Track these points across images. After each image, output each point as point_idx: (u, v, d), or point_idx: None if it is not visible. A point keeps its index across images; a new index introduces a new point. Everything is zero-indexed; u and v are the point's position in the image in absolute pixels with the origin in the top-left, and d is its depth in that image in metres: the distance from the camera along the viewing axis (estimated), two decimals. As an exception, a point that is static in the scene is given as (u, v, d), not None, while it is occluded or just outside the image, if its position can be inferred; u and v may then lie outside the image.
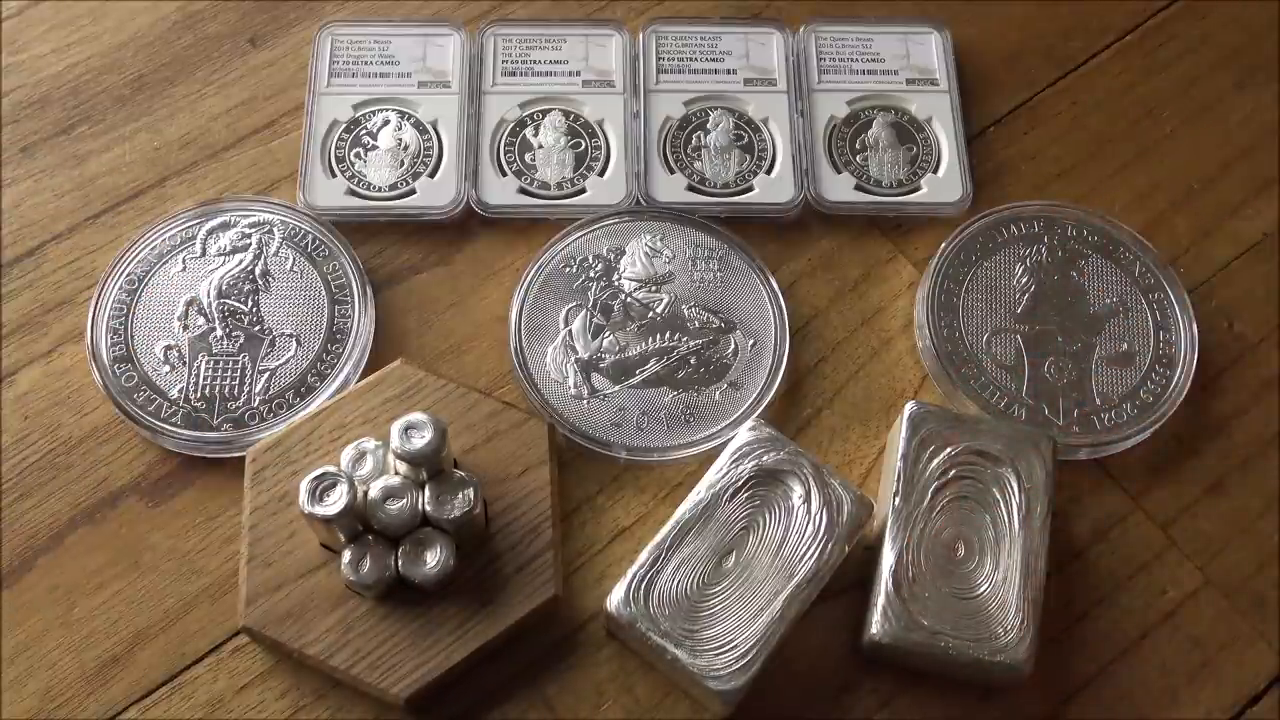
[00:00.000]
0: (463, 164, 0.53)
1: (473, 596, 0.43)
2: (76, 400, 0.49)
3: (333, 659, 0.42)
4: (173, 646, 0.44)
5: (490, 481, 0.45)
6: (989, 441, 0.44)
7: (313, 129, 0.54)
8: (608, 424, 0.48)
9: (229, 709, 0.43)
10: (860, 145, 0.54)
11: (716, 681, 0.40)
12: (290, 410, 0.48)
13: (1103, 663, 0.45)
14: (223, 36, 0.57)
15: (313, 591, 0.43)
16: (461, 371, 0.50)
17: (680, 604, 0.41)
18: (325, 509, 0.41)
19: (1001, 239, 0.52)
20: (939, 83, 0.56)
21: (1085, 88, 0.57)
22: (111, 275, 0.50)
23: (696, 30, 0.57)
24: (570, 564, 0.46)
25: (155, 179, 0.53)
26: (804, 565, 0.42)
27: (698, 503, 0.43)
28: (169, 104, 0.55)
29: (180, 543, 0.46)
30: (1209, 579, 0.46)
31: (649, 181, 0.53)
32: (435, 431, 0.41)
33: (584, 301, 0.50)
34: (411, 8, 0.58)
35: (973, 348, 0.50)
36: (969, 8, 0.58)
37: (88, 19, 0.57)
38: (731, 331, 0.50)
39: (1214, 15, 0.58)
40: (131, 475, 0.47)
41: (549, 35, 0.57)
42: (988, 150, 0.55)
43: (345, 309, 0.50)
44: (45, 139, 0.54)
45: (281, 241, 0.51)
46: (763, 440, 0.44)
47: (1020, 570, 0.43)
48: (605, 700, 0.44)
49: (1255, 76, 0.57)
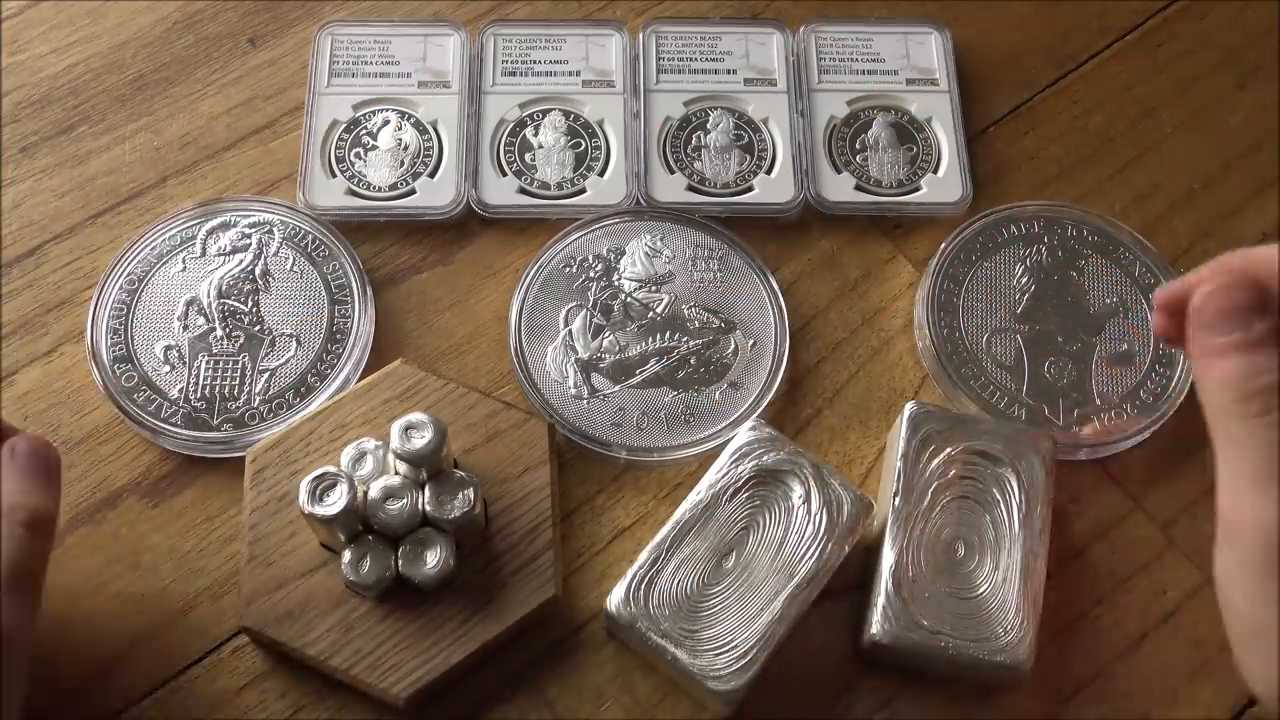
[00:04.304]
0: (463, 164, 0.53)
1: (473, 596, 0.43)
2: (76, 400, 0.49)
3: (333, 659, 0.42)
4: (173, 646, 0.44)
5: (490, 481, 0.45)
6: (989, 441, 0.44)
7: (313, 129, 0.54)
8: (608, 424, 0.48)
9: (229, 709, 0.43)
10: (860, 145, 0.54)
11: (716, 681, 0.40)
12: (290, 410, 0.48)
13: (1103, 663, 0.45)
14: (223, 36, 0.57)
15: (313, 591, 0.43)
16: (461, 371, 0.50)
17: (680, 604, 0.41)
18: (325, 509, 0.41)
19: (1001, 239, 0.52)
20: (939, 83, 0.56)
21: (1085, 88, 0.57)
22: (111, 275, 0.50)
23: (696, 30, 0.57)
24: (570, 564, 0.46)
25: (155, 179, 0.53)
26: (804, 565, 0.42)
27: (698, 503, 0.43)
28: (169, 104, 0.55)
29: (180, 543, 0.46)
30: (1209, 579, 0.46)
31: (649, 181, 0.53)
32: (435, 431, 0.41)
33: (584, 301, 0.50)
34: (411, 8, 0.58)
35: (973, 348, 0.50)
36: (969, 8, 0.58)
37: (88, 19, 0.57)
38: (731, 331, 0.50)
39: (1214, 15, 0.58)
40: (131, 475, 0.47)
41: (549, 35, 0.57)
42: (988, 150, 0.55)
43: (345, 309, 0.50)
44: (45, 139, 0.54)
45: (281, 241, 0.51)
46: (763, 440, 0.44)
47: (1020, 570, 0.43)
48: (605, 700, 0.44)
49: (1255, 76, 0.57)
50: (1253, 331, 0.35)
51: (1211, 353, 0.36)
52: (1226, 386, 0.35)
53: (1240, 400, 0.35)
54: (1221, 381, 0.35)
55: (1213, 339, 0.36)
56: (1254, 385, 0.35)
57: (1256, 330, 0.35)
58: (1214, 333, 0.36)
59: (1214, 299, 0.36)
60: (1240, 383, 0.35)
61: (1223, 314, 0.36)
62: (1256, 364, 0.35)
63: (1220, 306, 0.36)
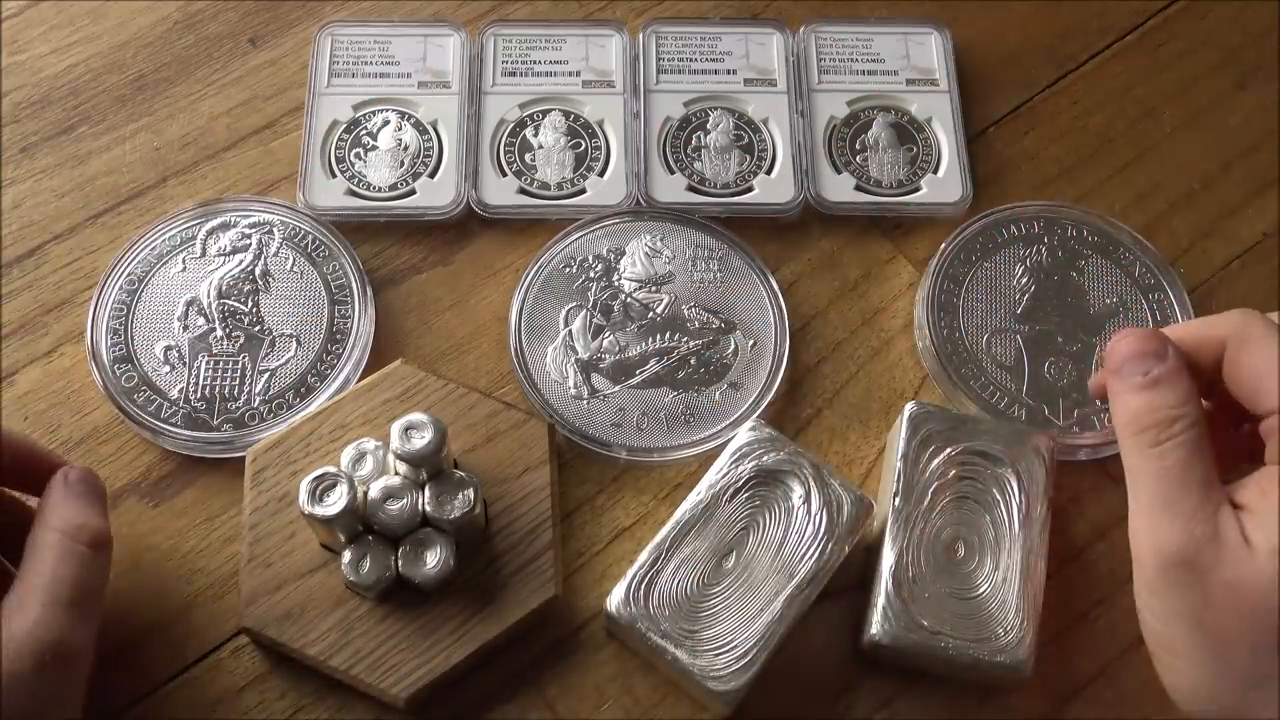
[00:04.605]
0: (463, 164, 0.53)
1: (473, 597, 0.43)
2: (76, 400, 0.49)
3: (333, 659, 0.42)
4: (173, 646, 0.44)
5: (490, 481, 0.45)
6: (989, 441, 0.44)
7: (313, 129, 0.54)
8: (608, 424, 0.48)
9: (229, 709, 0.43)
10: (860, 145, 0.54)
11: (716, 681, 0.40)
12: (290, 410, 0.48)
13: (1103, 663, 0.45)
14: (223, 36, 0.57)
15: (313, 592, 0.43)
16: (461, 371, 0.50)
17: (680, 604, 0.41)
18: (325, 509, 0.41)
19: (1001, 239, 0.52)
20: (939, 83, 0.56)
21: (1085, 88, 0.57)
22: (111, 275, 0.50)
23: (696, 30, 0.57)
24: (570, 564, 0.46)
25: (155, 179, 0.53)
26: (804, 565, 0.42)
27: (698, 503, 0.43)
28: (169, 104, 0.55)
29: (180, 543, 0.46)
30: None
31: (649, 182, 0.53)
32: (435, 432, 0.41)
33: (584, 301, 0.50)
34: (411, 8, 0.58)
35: (973, 348, 0.50)
36: (969, 8, 0.58)
37: (88, 19, 0.57)
38: (731, 332, 0.50)
39: (1214, 15, 0.58)
40: (131, 475, 0.47)
41: (549, 35, 0.57)
42: (988, 150, 0.55)
43: (345, 309, 0.50)
44: (45, 139, 0.54)
45: (281, 242, 0.51)
46: (763, 440, 0.44)
47: (1020, 570, 0.43)
48: (605, 700, 0.44)
49: (1255, 76, 0.57)
50: (1153, 373, 0.39)
51: (1119, 393, 0.40)
52: (1127, 421, 0.40)
53: (1137, 433, 0.39)
54: (1123, 417, 0.40)
55: (1120, 381, 0.40)
56: (1150, 419, 0.39)
57: (1155, 372, 0.39)
58: (1121, 375, 0.40)
59: (1121, 345, 0.41)
60: (1138, 418, 0.39)
61: (1128, 358, 0.40)
62: (1154, 401, 0.39)
63: (1126, 352, 0.40)
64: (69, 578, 0.37)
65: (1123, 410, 0.40)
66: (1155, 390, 0.39)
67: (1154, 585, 0.39)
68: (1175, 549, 0.37)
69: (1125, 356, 0.40)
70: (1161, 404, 0.39)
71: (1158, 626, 0.39)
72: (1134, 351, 0.40)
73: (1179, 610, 0.38)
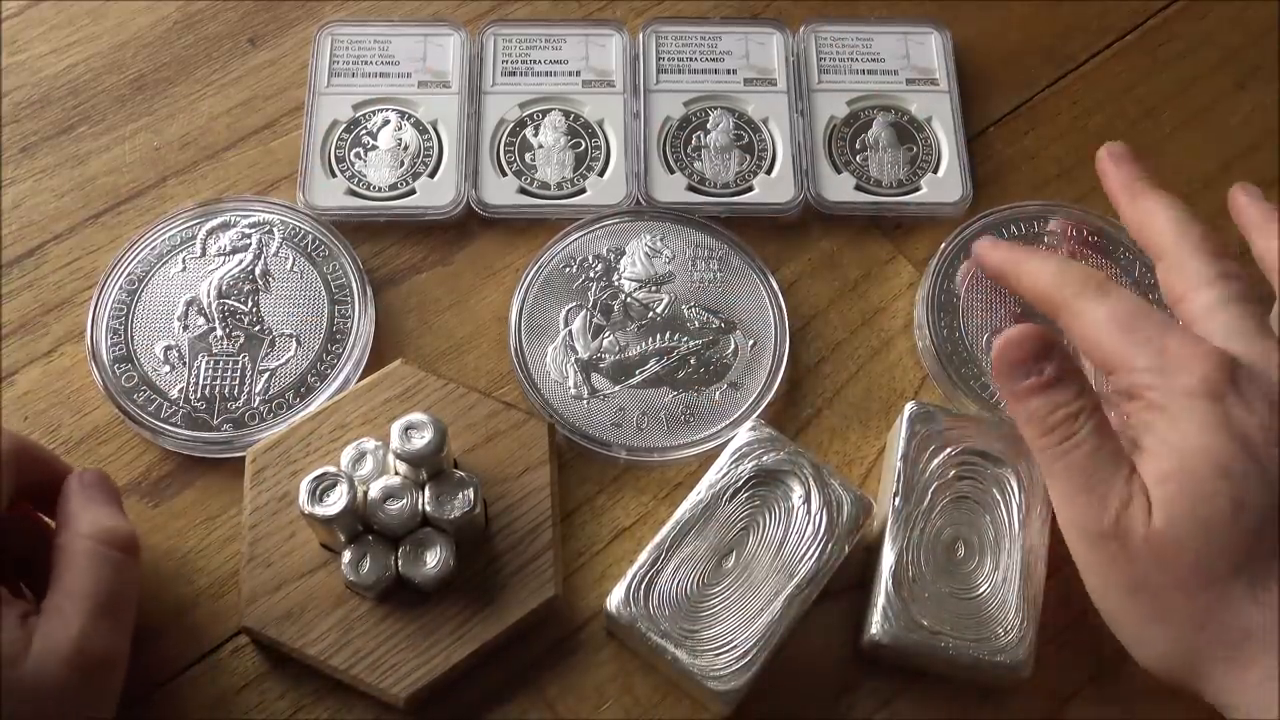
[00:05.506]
0: (463, 164, 0.53)
1: (473, 596, 0.43)
2: (76, 400, 0.49)
3: (333, 659, 0.42)
4: (173, 646, 0.44)
5: (490, 481, 0.45)
6: (989, 441, 0.44)
7: (313, 129, 0.54)
8: (608, 424, 0.48)
9: (229, 709, 0.43)
10: (860, 145, 0.54)
11: (716, 681, 0.40)
12: (290, 410, 0.48)
13: (1103, 663, 0.45)
14: (223, 36, 0.57)
15: (313, 591, 0.43)
16: (461, 371, 0.50)
17: (680, 604, 0.41)
18: (325, 509, 0.41)
19: (1001, 239, 0.52)
20: (939, 83, 0.56)
21: (1085, 88, 0.57)
22: (111, 275, 0.50)
23: (696, 30, 0.57)
24: (570, 564, 0.46)
25: (155, 179, 0.53)
26: (804, 565, 0.42)
27: (698, 503, 0.43)
28: (169, 104, 0.55)
29: (180, 543, 0.46)
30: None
31: (649, 181, 0.53)
32: (435, 432, 0.41)
33: (584, 301, 0.50)
34: (411, 8, 0.58)
35: (973, 348, 0.50)
36: (969, 8, 0.58)
37: (88, 19, 0.57)
38: (731, 331, 0.50)
39: (1214, 15, 0.58)
40: (131, 475, 0.47)
41: (549, 35, 0.57)
42: (988, 150, 0.55)
43: (345, 309, 0.50)
44: (45, 139, 0.54)
45: (281, 241, 0.51)
46: (763, 440, 0.44)
47: (1020, 570, 0.43)
48: (605, 700, 0.44)
49: (1255, 76, 0.57)
50: (1044, 374, 0.40)
51: (1015, 398, 0.41)
52: (1031, 424, 0.40)
53: (1043, 434, 0.40)
54: (1026, 421, 0.40)
55: (1012, 386, 0.40)
56: (1052, 420, 0.39)
57: (1047, 372, 0.40)
58: (1011, 381, 0.40)
59: (1003, 352, 0.40)
60: (1041, 419, 0.40)
61: (1015, 364, 0.40)
62: (1052, 401, 0.40)
63: (1011, 359, 0.40)
64: (106, 586, 0.38)
65: (1022, 413, 0.40)
66: (1053, 390, 0.39)
67: (1090, 565, 0.40)
68: (1099, 526, 0.38)
69: (1010, 364, 0.40)
70: (1061, 401, 0.39)
71: (1105, 605, 0.40)
72: (1017, 357, 0.40)
73: (1116, 582, 0.39)
